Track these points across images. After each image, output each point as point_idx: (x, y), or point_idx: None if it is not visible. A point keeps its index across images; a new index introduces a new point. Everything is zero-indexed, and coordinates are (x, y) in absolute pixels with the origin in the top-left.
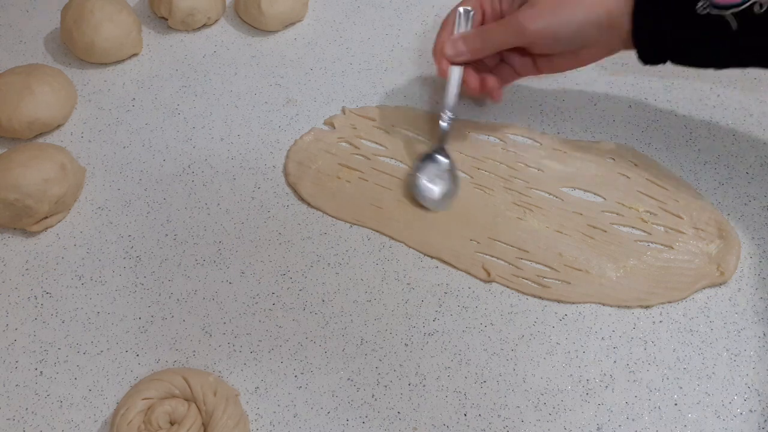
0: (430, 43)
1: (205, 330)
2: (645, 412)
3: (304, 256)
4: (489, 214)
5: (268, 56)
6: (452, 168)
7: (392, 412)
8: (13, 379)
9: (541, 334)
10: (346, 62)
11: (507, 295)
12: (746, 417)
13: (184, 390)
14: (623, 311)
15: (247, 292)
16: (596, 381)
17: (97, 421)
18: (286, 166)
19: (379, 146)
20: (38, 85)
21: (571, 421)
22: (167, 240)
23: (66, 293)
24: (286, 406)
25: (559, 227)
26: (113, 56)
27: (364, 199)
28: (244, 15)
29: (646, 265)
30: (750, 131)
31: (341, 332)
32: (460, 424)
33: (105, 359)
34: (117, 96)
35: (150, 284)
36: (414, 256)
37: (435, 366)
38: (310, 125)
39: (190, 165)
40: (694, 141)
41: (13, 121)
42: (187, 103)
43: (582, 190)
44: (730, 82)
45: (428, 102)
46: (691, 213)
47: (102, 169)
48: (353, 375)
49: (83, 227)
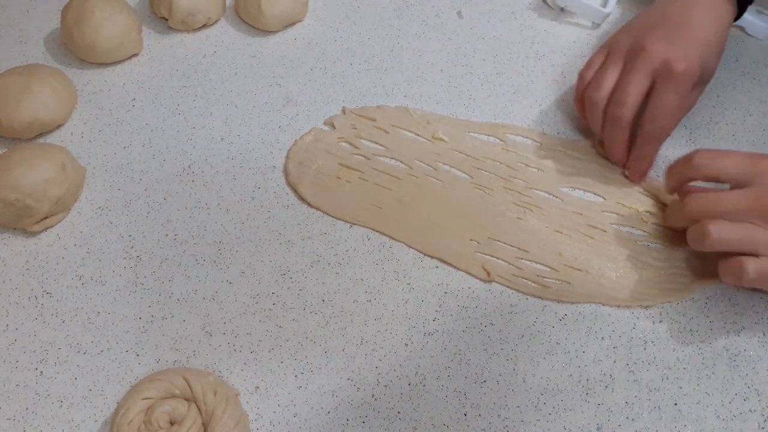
0: (431, 42)
1: (205, 330)
2: (645, 412)
3: (304, 256)
4: (489, 214)
5: (268, 56)
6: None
7: (392, 412)
8: (13, 379)
9: (541, 334)
10: (346, 62)
11: (507, 295)
12: (746, 417)
13: (184, 390)
14: (623, 311)
15: (247, 292)
16: (596, 381)
17: (97, 421)
18: (286, 166)
19: (379, 146)
20: (38, 85)
21: (571, 421)
22: (167, 240)
23: (66, 293)
24: (286, 406)
25: (558, 227)
26: (113, 56)
27: (364, 199)
28: (244, 15)
29: (646, 265)
30: (750, 131)
31: (341, 332)
32: (460, 424)
33: (105, 359)
34: (117, 96)
35: (150, 284)
36: (414, 256)
37: (435, 366)
38: (310, 125)
39: (190, 165)
40: (694, 141)
41: (13, 121)
42: (187, 103)
43: (582, 190)
44: (730, 82)
45: (428, 102)
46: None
47: (102, 169)
48: (353, 375)
49: (83, 227)
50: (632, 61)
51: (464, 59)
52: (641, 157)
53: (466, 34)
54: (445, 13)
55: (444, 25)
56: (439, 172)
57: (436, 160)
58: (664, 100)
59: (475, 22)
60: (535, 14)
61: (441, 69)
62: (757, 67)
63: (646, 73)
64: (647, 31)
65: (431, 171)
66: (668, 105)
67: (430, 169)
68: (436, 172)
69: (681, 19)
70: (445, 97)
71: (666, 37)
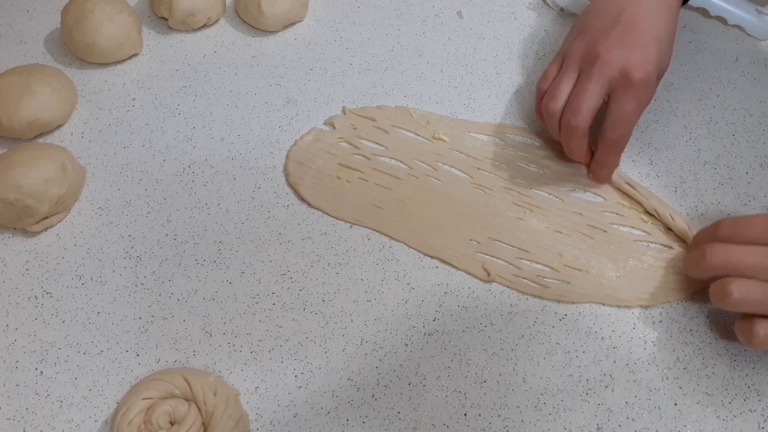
0: (431, 43)
1: (205, 330)
2: (645, 412)
3: (304, 256)
4: (489, 214)
5: (268, 56)
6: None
7: (392, 412)
8: (13, 379)
9: (541, 334)
10: (346, 62)
11: (507, 295)
12: (746, 417)
13: (184, 390)
14: (623, 311)
15: (247, 292)
16: (596, 381)
17: (97, 421)
18: (286, 166)
19: (379, 146)
20: (38, 85)
21: (571, 421)
22: (167, 240)
23: (66, 293)
24: (286, 406)
25: (559, 227)
26: (113, 56)
27: (364, 199)
28: (244, 15)
29: (646, 265)
30: (750, 131)
31: (341, 332)
32: (460, 424)
33: (105, 359)
34: (117, 96)
35: (150, 284)
36: (414, 256)
37: (435, 366)
38: (310, 125)
39: (190, 165)
40: (694, 141)
41: (13, 121)
42: (187, 103)
43: (582, 190)
44: (730, 82)
45: (428, 102)
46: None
47: (102, 169)
48: (353, 375)
49: (83, 227)
50: (588, 70)
51: (464, 59)
52: (604, 164)
53: (466, 34)
54: (445, 13)
55: (444, 25)
56: (439, 172)
57: (436, 160)
58: (623, 108)
59: (475, 22)
60: (535, 14)
61: (441, 69)
62: (757, 67)
63: (602, 82)
64: (600, 37)
65: (431, 171)
66: (628, 113)
67: (430, 169)
68: (436, 172)
69: (632, 17)
70: (445, 97)
71: (620, 43)
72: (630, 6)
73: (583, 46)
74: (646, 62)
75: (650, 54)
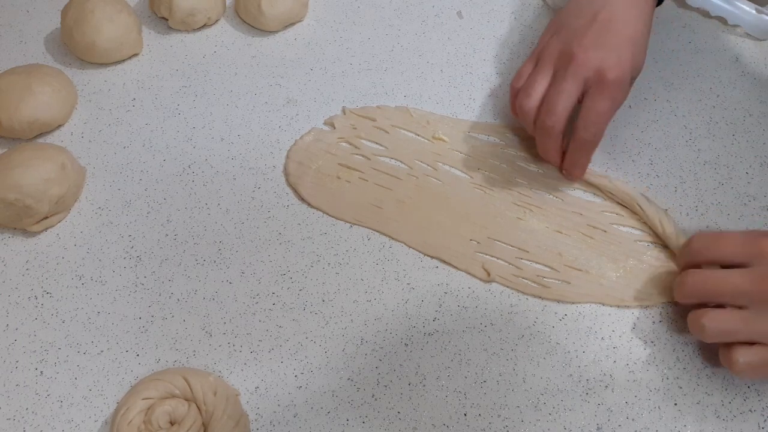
0: (431, 43)
1: (205, 330)
2: (645, 412)
3: (304, 256)
4: (489, 214)
5: (268, 56)
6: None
7: (392, 412)
8: (13, 379)
9: (541, 334)
10: (346, 62)
11: (507, 295)
12: (746, 417)
13: (184, 390)
14: (623, 311)
15: (247, 292)
16: (596, 381)
17: (97, 421)
18: (286, 166)
19: (379, 146)
20: (38, 85)
21: (571, 421)
22: (167, 240)
23: (66, 293)
24: (286, 406)
25: (558, 227)
26: (113, 56)
27: (364, 199)
28: (244, 15)
29: (646, 265)
30: (750, 131)
31: (341, 332)
32: (460, 424)
33: (105, 359)
34: (117, 96)
35: (150, 284)
36: (414, 256)
37: (435, 366)
38: (310, 125)
39: (190, 165)
40: (694, 141)
41: (13, 121)
42: (187, 103)
43: (582, 190)
44: (730, 82)
45: (428, 102)
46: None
47: (102, 169)
48: (353, 375)
49: (83, 227)
50: (563, 69)
51: (464, 59)
52: (576, 164)
53: (466, 34)
54: (445, 13)
55: (444, 25)
56: (439, 172)
57: (436, 160)
58: (596, 108)
59: (475, 22)
60: (535, 14)
61: (441, 69)
62: (757, 67)
63: (577, 82)
64: (577, 37)
65: (431, 171)
66: (601, 113)
67: (430, 169)
68: (436, 172)
69: (608, 18)
70: (445, 97)
71: (595, 43)
72: (606, 7)
73: (560, 45)
74: (621, 63)
75: (625, 55)
